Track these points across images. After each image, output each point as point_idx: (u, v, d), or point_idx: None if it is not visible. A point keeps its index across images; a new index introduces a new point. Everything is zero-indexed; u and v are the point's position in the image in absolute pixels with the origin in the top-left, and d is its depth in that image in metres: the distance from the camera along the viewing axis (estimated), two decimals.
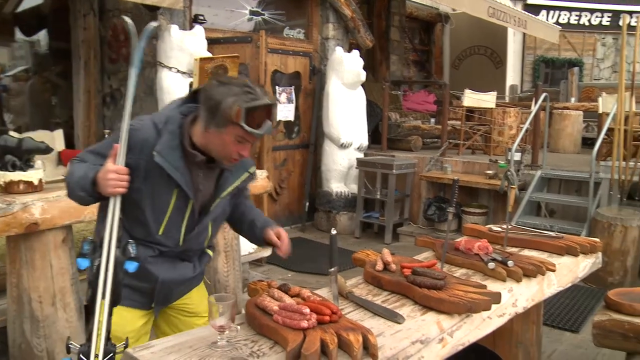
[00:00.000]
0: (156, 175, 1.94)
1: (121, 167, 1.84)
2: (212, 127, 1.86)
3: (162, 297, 2.18)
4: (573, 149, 9.21)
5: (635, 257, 5.39)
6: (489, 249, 2.65)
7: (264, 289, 2.09)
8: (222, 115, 1.82)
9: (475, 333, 2.09)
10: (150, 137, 1.94)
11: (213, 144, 1.91)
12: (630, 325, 3.19)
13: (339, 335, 1.67)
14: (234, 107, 1.80)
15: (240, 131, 1.84)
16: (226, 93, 1.82)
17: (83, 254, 1.79)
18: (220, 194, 2.09)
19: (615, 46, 15.58)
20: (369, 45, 8.63)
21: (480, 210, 6.98)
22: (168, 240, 2.07)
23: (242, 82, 1.87)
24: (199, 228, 2.10)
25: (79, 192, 1.92)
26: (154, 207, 2.00)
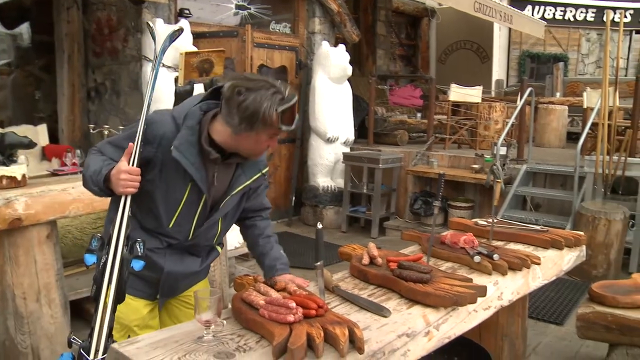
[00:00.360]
0: (172, 169, 1.97)
1: (134, 168, 1.89)
2: (246, 131, 1.90)
3: (166, 288, 2.19)
4: (558, 143, 9.27)
5: (618, 250, 5.44)
6: (475, 243, 2.66)
7: (250, 283, 2.09)
8: (260, 122, 1.87)
9: (461, 326, 2.10)
10: (169, 131, 1.97)
11: (245, 144, 1.96)
12: (613, 317, 3.23)
13: (325, 329, 1.67)
14: (271, 113, 1.86)
15: (276, 130, 1.92)
16: (260, 100, 1.85)
17: (90, 250, 1.83)
18: (232, 191, 2.11)
19: (600, 42, 15.69)
20: (355, 40, 8.62)
21: (467, 205, 7.01)
22: (178, 234, 2.09)
23: (268, 84, 1.90)
24: (208, 223, 2.12)
25: (92, 187, 1.97)
26: (167, 200, 2.03)
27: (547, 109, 9.37)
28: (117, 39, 6.56)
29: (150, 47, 5.72)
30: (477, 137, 8.44)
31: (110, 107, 6.86)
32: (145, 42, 5.81)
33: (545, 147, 9.14)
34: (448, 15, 13.07)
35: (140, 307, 2.18)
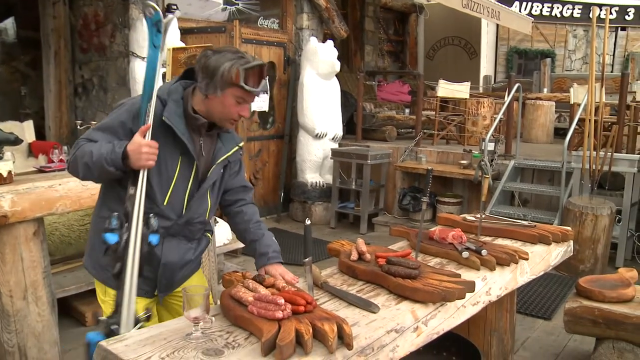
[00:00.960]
0: (161, 143, 2.02)
1: (152, 141, 1.97)
2: (212, 92, 2.01)
3: (164, 281, 2.23)
4: (546, 139, 9.32)
5: (605, 245, 5.47)
6: (463, 238, 2.67)
7: (239, 280, 2.09)
8: (221, 79, 1.97)
9: (449, 322, 2.11)
10: (156, 106, 2.03)
11: (214, 108, 2.05)
12: (600, 311, 3.26)
13: (313, 325, 1.67)
14: (232, 70, 1.96)
15: (240, 91, 2.00)
16: (222, 59, 1.97)
17: (111, 229, 1.90)
18: (216, 160, 2.21)
19: (586, 38, 15.78)
20: (343, 36, 8.61)
21: (455, 200, 7.03)
22: (171, 212, 2.15)
23: (233, 49, 2.04)
24: (199, 194, 2.18)
25: (109, 168, 1.97)
26: (160, 175, 2.09)
27: (534, 105, 9.41)
28: (105, 35, 6.52)
29: (138, 43, 5.68)
30: (465, 132, 8.46)
31: (98, 104, 6.82)
32: (132, 37, 5.77)
33: (533, 142, 9.18)
34: (436, 11, 13.09)
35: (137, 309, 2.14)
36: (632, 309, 3.20)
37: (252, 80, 1.99)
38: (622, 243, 5.81)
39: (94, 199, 3.32)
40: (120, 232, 1.91)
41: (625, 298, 3.28)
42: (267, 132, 7.97)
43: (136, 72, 5.65)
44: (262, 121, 7.90)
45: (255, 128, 7.75)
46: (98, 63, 6.70)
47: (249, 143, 7.57)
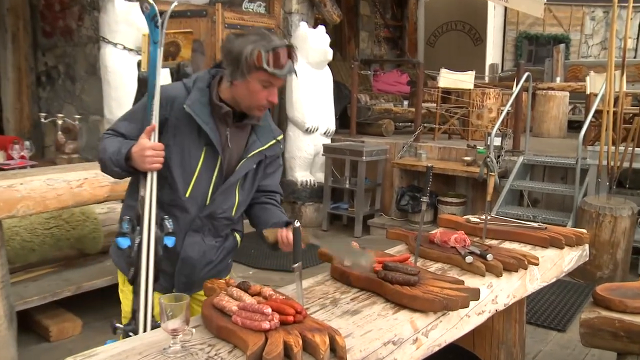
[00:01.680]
0: (185, 132, 2.16)
1: (157, 143, 2.07)
2: (238, 78, 2.10)
3: (183, 279, 2.32)
4: (558, 133, 9.36)
5: (625, 249, 5.50)
6: (467, 242, 2.68)
7: (222, 287, 2.09)
8: (245, 64, 2.05)
9: (452, 333, 2.12)
10: (180, 94, 2.17)
11: (241, 94, 2.15)
12: (621, 323, 3.24)
13: (303, 336, 1.68)
14: (254, 52, 2.04)
15: (264, 75, 2.07)
16: (244, 42, 2.06)
17: (123, 233, 1.99)
18: (248, 154, 2.29)
19: (606, 20, 15.80)
20: (336, 21, 8.62)
21: (458, 200, 7.06)
22: (194, 205, 2.25)
23: (258, 31, 2.13)
24: (224, 187, 2.27)
25: (114, 168, 2.12)
26: (183, 165, 2.20)
27: (546, 96, 9.46)
28: (71, 17, 6.49)
29: (109, 27, 5.65)
30: (469, 126, 8.49)
31: (65, 94, 6.79)
32: (103, 21, 5.73)
33: (544, 137, 9.22)
34: None
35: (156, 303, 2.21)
36: None
37: (276, 62, 2.05)
38: None
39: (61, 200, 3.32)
40: (132, 236, 2.00)
41: None
42: None
43: (108, 59, 5.63)
44: None
45: None
46: (64, 49, 6.67)
47: None
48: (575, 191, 6.16)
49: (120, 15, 5.60)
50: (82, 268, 4.56)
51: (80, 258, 4.65)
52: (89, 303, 4.47)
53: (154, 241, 2.01)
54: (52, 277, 4.39)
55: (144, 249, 1.97)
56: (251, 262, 6.00)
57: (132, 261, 1.99)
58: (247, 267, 5.91)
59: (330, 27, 8.65)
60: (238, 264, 5.96)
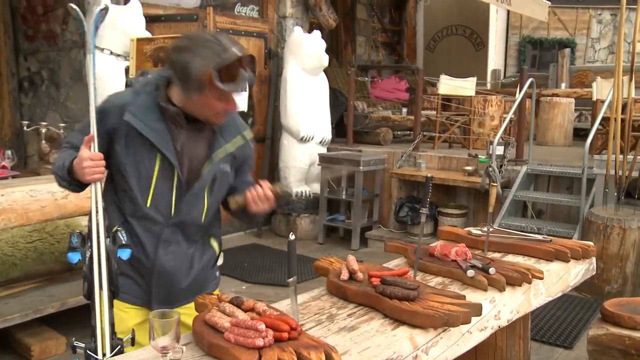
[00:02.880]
0: (137, 140, 2.13)
1: (96, 153, 2.05)
2: (191, 93, 2.06)
3: (163, 292, 2.28)
4: (563, 141, 9.39)
5: (635, 262, 5.49)
6: (468, 255, 2.69)
7: (214, 303, 2.09)
8: (195, 82, 2.01)
9: (453, 350, 2.12)
10: (128, 101, 2.14)
11: (196, 108, 2.11)
12: (631, 340, 3.24)
13: (298, 354, 1.68)
14: (205, 72, 1.98)
15: (218, 91, 2.02)
16: (191, 57, 2.00)
17: (73, 248, 1.96)
18: (211, 156, 2.24)
19: (613, 23, 15.86)
20: (332, 25, 8.66)
21: (459, 211, 7.07)
22: (157, 214, 2.22)
23: (204, 38, 2.06)
24: (189, 196, 2.23)
25: (62, 182, 2.13)
26: (139, 175, 2.17)
27: (550, 103, 9.50)
28: (55, 21, 6.50)
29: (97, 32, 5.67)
30: (470, 135, 8.52)
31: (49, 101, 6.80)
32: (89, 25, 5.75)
33: (549, 145, 9.26)
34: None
35: (126, 318, 2.22)
36: None
37: (228, 78, 2.00)
38: None
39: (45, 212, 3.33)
40: (82, 250, 1.97)
41: None
42: None
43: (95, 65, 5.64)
44: None
45: None
46: (48, 54, 6.68)
47: None
48: (582, 202, 6.18)
49: (107, 20, 5.58)
50: (67, 283, 4.54)
51: (65, 273, 4.64)
52: (74, 320, 4.45)
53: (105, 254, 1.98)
54: (35, 292, 4.37)
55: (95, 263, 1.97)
56: (244, 276, 6.00)
57: (85, 275, 1.97)
58: (240, 281, 5.91)
59: (326, 32, 8.69)
60: (231, 278, 5.96)
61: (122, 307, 2.22)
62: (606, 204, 5.95)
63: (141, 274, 2.26)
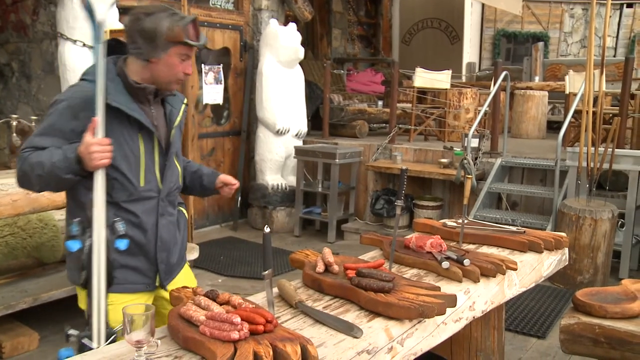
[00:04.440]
0: (116, 126, 2.25)
1: (103, 138, 2.12)
2: (154, 55, 2.24)
3: (164, 266, 2.46)
4: (537, 133, 9.48)
5: (606, 253, 5.58)
6: (443, 247, 2.71)
7: (189, 296, 2.09)
8: (163, 40, 2.21)
9: (428, 341, 2.13)
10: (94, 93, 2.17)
11: (159, 72, 2.29)
12: (601, 328, 3.29)
13: (274, 346, 1.68)
14: (174, 28, 2.21)
15: (183, 48, 2.26)
16: (158, 20, 2.21)
17: (72, 236, 2.04)
18: (173, 125, 2.48)
19: (585, 18, 16.04)
20: (307, 18, 8.64)
21: (434, 204, 7.11)
22: (150, 190, 2.40)
23: (162, 7, 2.28)
24: (168, 165, 2.45)
25: (64, 176, 2.15)
26: (127, 158, 2.31)
27: (524, 95, 9.57)
28: (25, 11, 6.40)
29: (68, 23, 5.58)
30: (445, 127, 8.56)
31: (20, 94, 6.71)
32: (61, 16, 5.65)
33: (523, 138, 9.33)
34: None
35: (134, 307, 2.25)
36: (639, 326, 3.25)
37: (193, 35, 2.25)
38: (625, 251, 5.91)
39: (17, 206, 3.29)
40: (82, 239, 2.04)
41: (630, 313, 3.30)
42: (222, 128, 7.96)
43: (67, 57, 5.55)
44: (216, 116, 7.88)
45: (208, 123, 7.73)
46: (18, 45, 6.58)
47: (201, 140, 7.54)
48: (555, 194, 6.24)
49: (79, 11, 5.52)
50: (40, 278, 4.50)
51: (37, 267, 4.59)
52: (47, 315, 4.42)
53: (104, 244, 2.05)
54: (6, 288, 4.32)
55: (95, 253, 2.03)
56: (220, 269, 5.99)
57: (84, 264, 2.02)
58: (216, 274, 5.89)
59: (302, 25, 8.68)
60: (206, 271, 5.95)
61: (121, 300, 2.28)
62: (578, 196, 6.01)
63: (145, 255, 2.38)
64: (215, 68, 7.44)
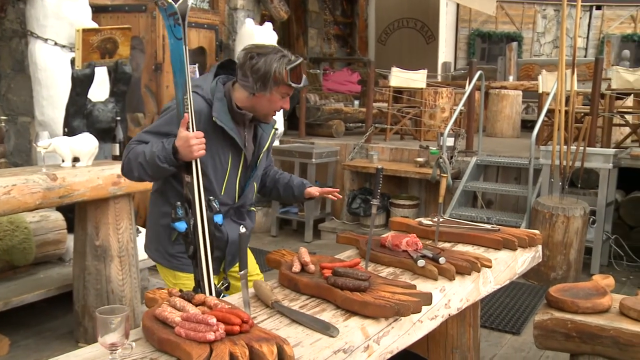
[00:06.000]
0: (212, 140, 2.52)
1: (197, 132, 2.37)
2: (260, 91, 2.52)
3: (229, 258, 2.78)
4: (512, 132, 9.56)
5: (578, 249, 5.65)
6: (419, 245, 2.72)
7: (164, 297, 2.07)
8: (271, 81, 2.49)
9: (404, 339, 2.14)
10: (203, 107, 2.55)
11: (261, 104, 2.59)
12: (573, 324, 3.33)
13: (250, 347, 1.68)
14: (282, 71, 2.48)
15: (286, 88, 2.55)
16: (270, 61, 2.48)
17: (178, 218, 2.30)
18: (262, 149, 2.81)
19: (557, 18, 16.23)
20: (283, 17, 8.63)
21: (411, 202, 7.14)
22: (228, 199, 2.71)
23: (274, 48, 2.56)
24: (248, 183, 2.78)
25: (161, 165, 2.41)
26: (215, 168, 2.62)
27: (499, 95, 9.64)
28: None
29: (38, 21, 5.47)
30: (421, 127, 8.60)
31: None
32: (30, 14, 5.55)
33: (498, 137, 9.41)
34: None
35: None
36: (609, 320, 3.26)
37: (297, 78, 2.53)
38: (597, 247, 6.00)
39: None
40: (187, 219, 2.32)
41: (600, 308, 3.35)
42: None
43: (38, 56, 5.45)
44: None
45: None
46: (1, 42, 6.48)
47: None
48: (529, 192, 6.30)
49: (50, 8, 5.42)
50: (11, 282, 4.42)
51: (8, 271, 4.51)
52: (19, 320, 4.36)
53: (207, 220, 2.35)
54: None
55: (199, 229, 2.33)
56: None
57: (191, 240, 2.31)
58: None
59: (278, 24, 8.66)
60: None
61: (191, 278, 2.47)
62: (552, 194, 6.07)
63: (218, 247, 2.58)
64: (190, 68, 7.38)
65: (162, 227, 2.69)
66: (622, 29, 16.23)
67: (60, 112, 4.95)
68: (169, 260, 2.77)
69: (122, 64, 5.05)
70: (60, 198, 3.67)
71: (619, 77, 7.38)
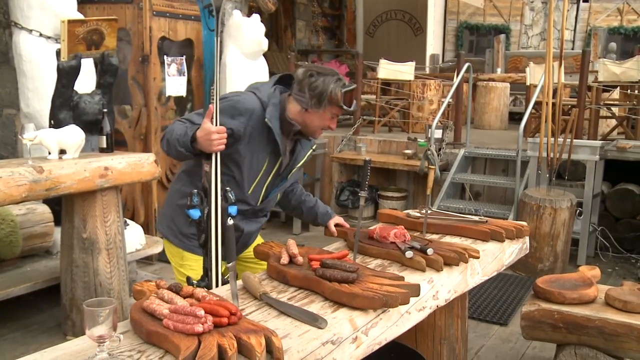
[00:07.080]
0: (256, 140, 2.70)
1: (220, 127, 2.42)
2: (313, 108, 2.67)
3: (240, 247, 2.77)
4: (499, 124, 9.59)
5: (565, 241, 5.69)
6: (407, 237, 2.72)
7: (152, 290, 2.06)
8: (327, 99, 2.64)
9: (393, 330, 2.15)
10: (257, 107, 2.69)
11: (311, 120, 2.73)
12: (560, 314, 3.36)
13: (238, 339, 1.68)
14: (337, 92, 2.63)
15: (337, 109, 2.69)
16: (327, 82, 2.64)
17: (193, 206, 2.32)
18: (297, 164, 2.94)
19: (545, 11, 16.27)
20: (271, 9, 8.59)
21: (399, 194, 7.15)
22: (252, 200, 2.83)
23: (331, 71, 2.71)
24: (274, 192, 2.89)
25: (179, 148, 2.54)
26: (250, 167, 2.74)
27: (487, 87, 9.67)
28: None
29: (22, 12, 5.41)
30: (409, 119, 8.61)
31: None
32: (14, 4, 5.48)
33: (485, 129, 9.44)
34: None
35: None
36: (595, 310, 3.30)
37: (349, 101, 2.68)
38: (583, 239, 6.05)
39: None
40: (201, 207, 2.33)
41: (587, 299, 3.39)
42: None
43: (22, 47, 5.40)
44: (179, 108, 7.78)
45: (171, 116, 7.62)
46: None
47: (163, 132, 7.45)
48: (517, 183, 6.33)
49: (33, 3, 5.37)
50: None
51: None
52: (5, 313, 4.33)
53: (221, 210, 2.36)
54: None
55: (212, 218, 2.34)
56: None
57: (203, 229, 2.34)
58: None
59: (266, 16, 8.62)
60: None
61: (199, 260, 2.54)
62: (539, 185, 6.10)
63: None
64: (178, 60, 7.35)
65: (179, 206, 2.75)
66: (609, 22, 16.33)
67: (46, 104, 4.90)
68: (181, 239, 2.87)
69: (109, 56, 5.01)
70: (46, 191, 3.64)
71: (605, 69, 7.43)
